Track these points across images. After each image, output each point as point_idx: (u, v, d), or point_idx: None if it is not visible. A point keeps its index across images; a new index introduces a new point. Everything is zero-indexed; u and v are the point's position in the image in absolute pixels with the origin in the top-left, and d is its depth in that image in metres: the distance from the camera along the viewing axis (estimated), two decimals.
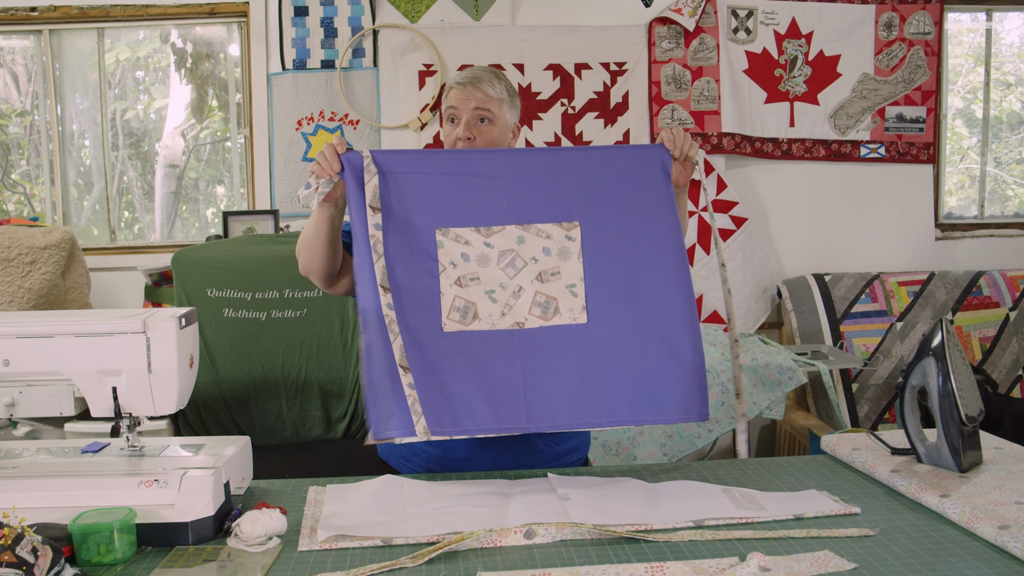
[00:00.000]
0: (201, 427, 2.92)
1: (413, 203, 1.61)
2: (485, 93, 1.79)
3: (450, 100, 1.82)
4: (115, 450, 1.48)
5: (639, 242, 1.64)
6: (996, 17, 4.11)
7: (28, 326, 1.41)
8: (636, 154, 1.71)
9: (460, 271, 1.60)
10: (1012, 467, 1.53)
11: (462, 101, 1.80)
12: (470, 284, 1.60)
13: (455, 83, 1.82)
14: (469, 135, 1.78)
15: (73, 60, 3.81)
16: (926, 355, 1.53)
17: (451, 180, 1.63)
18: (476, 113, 1.79)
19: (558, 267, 1.62)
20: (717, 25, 3.75)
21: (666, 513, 1.38)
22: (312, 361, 2.98)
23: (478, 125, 1.80)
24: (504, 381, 1.57)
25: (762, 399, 3.07)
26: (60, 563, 1.13)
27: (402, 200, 1.61)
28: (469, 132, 1.78)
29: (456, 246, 1.61)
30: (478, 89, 1.79)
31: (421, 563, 1.21)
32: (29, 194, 3.93)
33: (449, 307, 1.59)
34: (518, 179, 1.65)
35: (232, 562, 1.23)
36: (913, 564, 1.19)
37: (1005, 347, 3.66)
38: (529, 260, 1.62)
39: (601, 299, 1.62)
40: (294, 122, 3.70)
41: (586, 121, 3.74)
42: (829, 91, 3.88)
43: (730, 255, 3.79)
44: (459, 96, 1.80)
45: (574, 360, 1.59)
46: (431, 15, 3.69)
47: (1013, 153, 4.28)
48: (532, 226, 1.63)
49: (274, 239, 3.16)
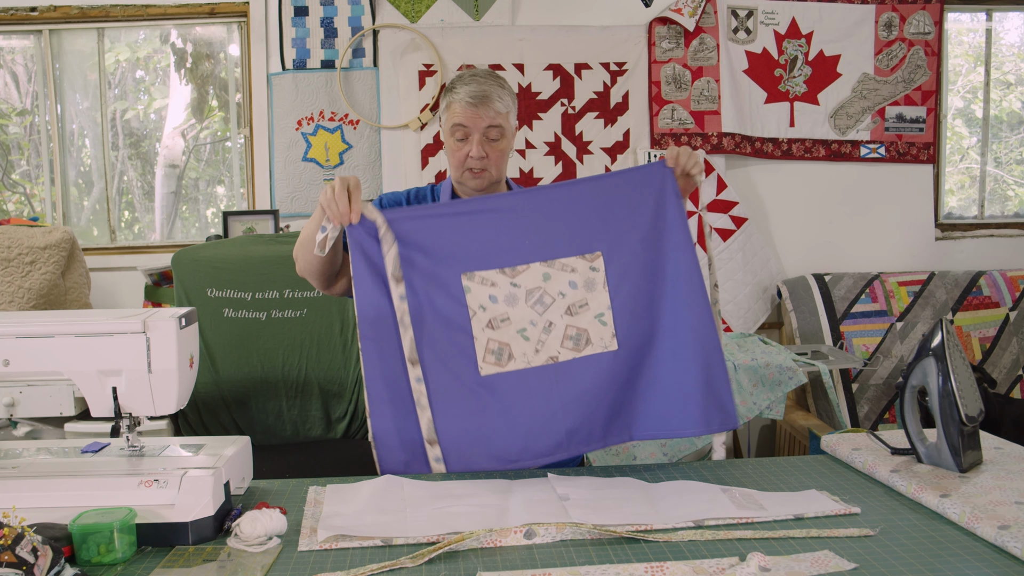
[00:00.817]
0: (201, 427, 2.92)
1: (435, 253, 1.63)
2: (496, 111, 1.79)
3: (457, 117, 1.80)
4: (115, 450, 1.48)
5: (658, 264, 1.69)
6: (996, 17, 4.11)
7: (28, 326, 1.41)
8: (644, 177, 1.73)
9: (490, 314, 1.63)
10: (1012, 467, 1.53)
11: (473, 120, 1.79)
12: (501, 326, 1.63)
13: (464, 101, 1.79)
14: (483, 154, 1.79)
15: (73, 60, 3.81)
16: (926, 355, 1.53)
17: (470, 222, 1.65)
18: (487, 132, 1.80)
19: (585, 299, 1.65)
20: (717, 25, 3.75)
21: (666, 513, 1.38)
22: (312, 361, 2.98)
23: (489, 143, 1.81)
24: (543, 415, 1.62)
25: (762, 399, 3.07)
26: (60, 563, 1.13)
27: (424, 252, 1.63)
28: (482, 151, 1.79)
29: (483, 289, 1.63)
30: (489, 108, 1.79)
31: (421, 563, 1.21)
32: (29, 194, 3.93)
33: (484, 351, 1.62)
34: (536, 216, 1.67)
35: (232, 562, 1.23)
36: (913, 564, 1.19)
37: (1005, 347, 3.66)
38: (556, 295, 1.65)
39: (628, 324, 1.66)
40: (294, 122, 3.70)
41: (586, 121, 3.74)
42: (829, 91, 3.88)
43: (730, 255, 3.79)
44: (469, 115, 1.79)
45: (607, 384, 1.64)
46: (431, 15, 3.69)
47: (1013, 153, 4.28)
48: (556, 261, 1.66)
49: (274, 239, 3.16)
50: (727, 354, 3.14)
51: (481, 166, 1.81)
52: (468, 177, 1.84)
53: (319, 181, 3.72)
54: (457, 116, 1.80)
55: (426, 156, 3.70)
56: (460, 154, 1.82)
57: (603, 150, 3.75)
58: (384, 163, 3.70)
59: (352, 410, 2.97)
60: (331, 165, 3.72)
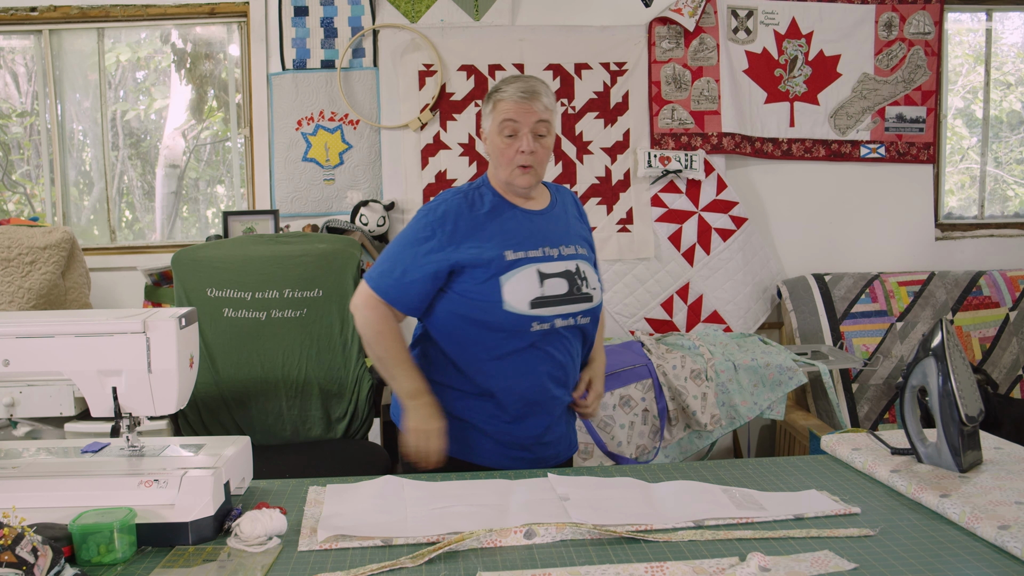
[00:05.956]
0: (201, 427, 2.92)
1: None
2: (545, 106, 1.81)
3: (507, 113, 1.81)
4: (115, 450, 1.48)
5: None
6: (996, 17, 4.11)
7: (28, 326, 1.41)
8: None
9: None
10: (1012, 467, 1.53)
11: (523, 115, 1.80)
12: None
13: (515, 95, 1.81)
14: (534, 148, 1.81)
15: (73, 60, 3.81)
16: (926, 355, 1.53)
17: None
18: (536, 127, 1.81)
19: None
20: (717, 25, 3.75)
21: (666, 513, 1.38)
22: (312, 361, 2.97)
23: (537, 139, 1.81)
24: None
25: (762, 399, 3.07)
26: (60, 563, 1.13)
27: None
28: (533, 146, 1.80)
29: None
30: (539, 102, 1.81)
31: (421, 563, 1.21)
32: (29, 194, 3.93)
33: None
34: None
35: (232, 562, 1.23)
36: (913, 564, 1.19)
37: (1005, 347, 3.65)
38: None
39: None
40: (294, 122, 3.70)
41: (586, 121, 3.74)
42: (829, 91, 3.88)
43: (730, 255, 3.79)
44: (520, 110, 1.80)
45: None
46: (431, 15, 3.69)
47: (1013, 153, 4.28)
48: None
49: (274, 239, 3.16)
50: (727, 354, 3.14)
51: (532, 161, 1.81)
52: (518, 174, 1.83)
53: (319, 181, 3.72)
54: (507, 112, 1.81)
55: (426, 156, 3.70)
56: (511, 151, 1.82)
57: (603, 150, 3.75)
58: (384, 163, 3.70)
59: (352, 410, 2.97)
60: (331, 165, 3.72)
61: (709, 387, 3.02)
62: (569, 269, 1.84)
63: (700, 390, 3.01)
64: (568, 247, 1.88)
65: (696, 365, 3.05)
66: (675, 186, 3.76)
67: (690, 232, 3.76)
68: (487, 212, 1.84)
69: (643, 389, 3.00)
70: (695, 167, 3.72)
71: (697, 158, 3.73)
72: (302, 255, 3.04)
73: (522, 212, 1.88)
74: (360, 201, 3.63)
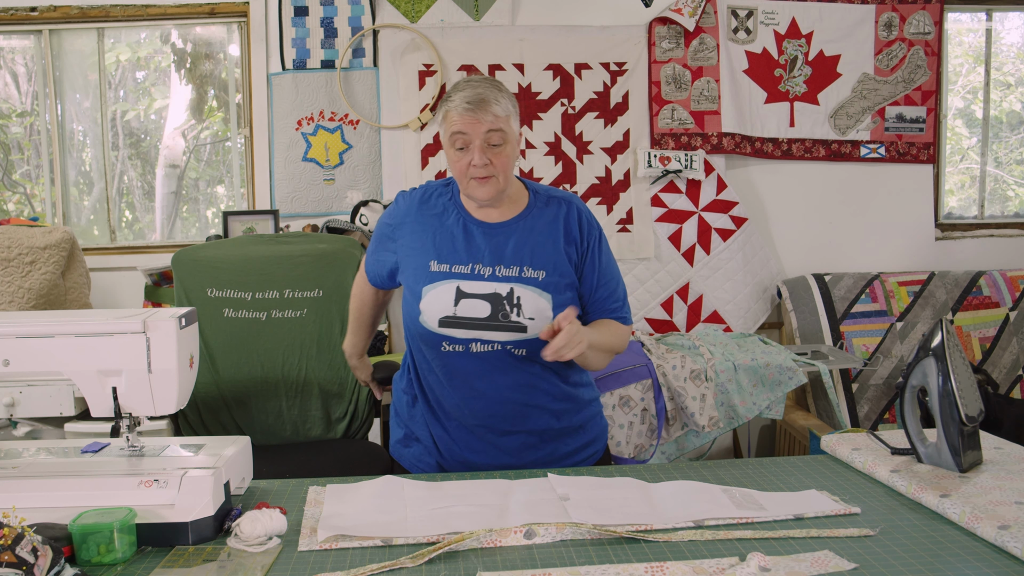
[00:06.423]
0: (201, 427, 2.92)
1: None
2: (494, 115, 1.65)
3: (455, 125, 1.66)
4: (115, 450, 1.48)
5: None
6: (996, 17, 4.11)
7: (28, 326, 1.40)
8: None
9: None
10: (1012, 467, 1.53)
11: (471, 126, 1.65)
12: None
13: (460, 107, 1.66)
14: (486, 161, 1.66)
15: (73, 60, 3.81)
16: (926, 355, 1.53)
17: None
18: (488, 137, 1.66)
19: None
20: (717, 25, 3.75)
21: (666, 513, 1.38)
22: (312, 361, 2.97)
23: (491, 149, 1.67)
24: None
25: (762, 399, 3.07)
26: (60, 563, 1.13)
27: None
28: (485, 158, 1.66)
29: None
30: (487, 112, 1.65)
31: (421, 563, 1.21)
32: (29, 194, 3.93)
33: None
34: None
35: (232, 562, 1.23)
36: (913, 564, 1.19)
37: (1005, 347, 3.66)
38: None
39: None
40: (294, 122, 3.70)
41: (586, 121, 3.74)
42: (829, 91, 3.88)
43: (730, 255, 3.79)
44: (467, 121, 1.65)
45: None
46: (431, 15, 3.69)
47: (1013, 153, 4.28)
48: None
49: (274, 239, 3.16)
50: (727, 354, 3.14)
51: (486, 173, 1.67)
52: (474, 186, 1.69)
53: (319, 181, 3.72)
54: (455, 124, 1.66)
55: (426, 156, 3.70)
56: (462, 164, 1.68)
57: (603, 150, 3.75)
58: (384, 163, 3.70)
59: (352, 410, 2.97)
60: (331, 165, 3.72)
61: (708, 388, 3.02)
62: (498, 292, 1.68)
63: (699, 391, 3.01)
64: (510, 268, 1.71)
65: (696, 365, 3.05)
66: (675, 186, 3.76)
67: (690, 232, 3.76)
68: (437, 215, 1.77)
69: (643, 389, 3.00)
70: (695, 167, 3.72)
71: (697, 158, 3.73)
72: (302, 255, 3.04)
73: (473, 222, 1.75)
74: (360, 201, 3.63)
